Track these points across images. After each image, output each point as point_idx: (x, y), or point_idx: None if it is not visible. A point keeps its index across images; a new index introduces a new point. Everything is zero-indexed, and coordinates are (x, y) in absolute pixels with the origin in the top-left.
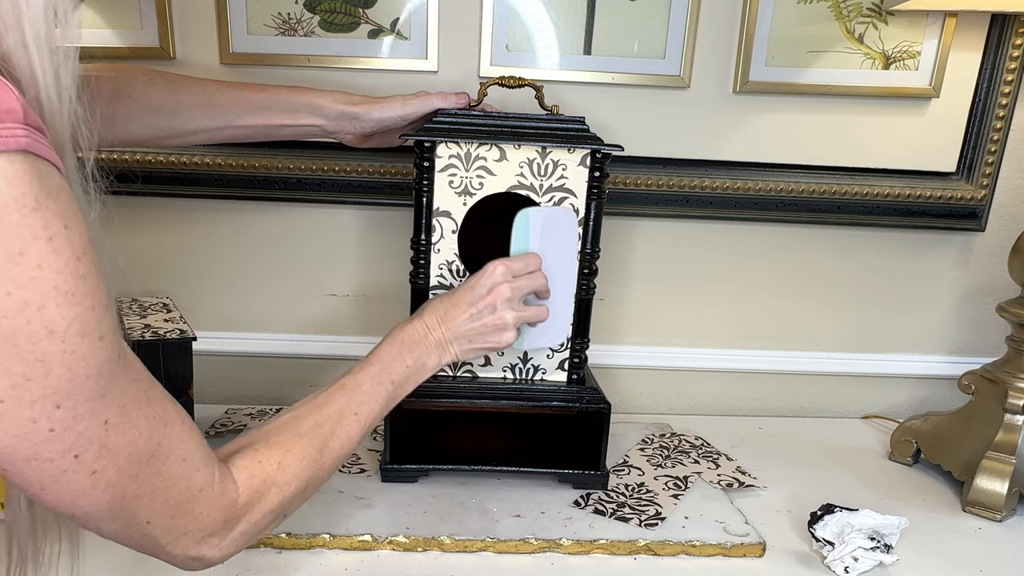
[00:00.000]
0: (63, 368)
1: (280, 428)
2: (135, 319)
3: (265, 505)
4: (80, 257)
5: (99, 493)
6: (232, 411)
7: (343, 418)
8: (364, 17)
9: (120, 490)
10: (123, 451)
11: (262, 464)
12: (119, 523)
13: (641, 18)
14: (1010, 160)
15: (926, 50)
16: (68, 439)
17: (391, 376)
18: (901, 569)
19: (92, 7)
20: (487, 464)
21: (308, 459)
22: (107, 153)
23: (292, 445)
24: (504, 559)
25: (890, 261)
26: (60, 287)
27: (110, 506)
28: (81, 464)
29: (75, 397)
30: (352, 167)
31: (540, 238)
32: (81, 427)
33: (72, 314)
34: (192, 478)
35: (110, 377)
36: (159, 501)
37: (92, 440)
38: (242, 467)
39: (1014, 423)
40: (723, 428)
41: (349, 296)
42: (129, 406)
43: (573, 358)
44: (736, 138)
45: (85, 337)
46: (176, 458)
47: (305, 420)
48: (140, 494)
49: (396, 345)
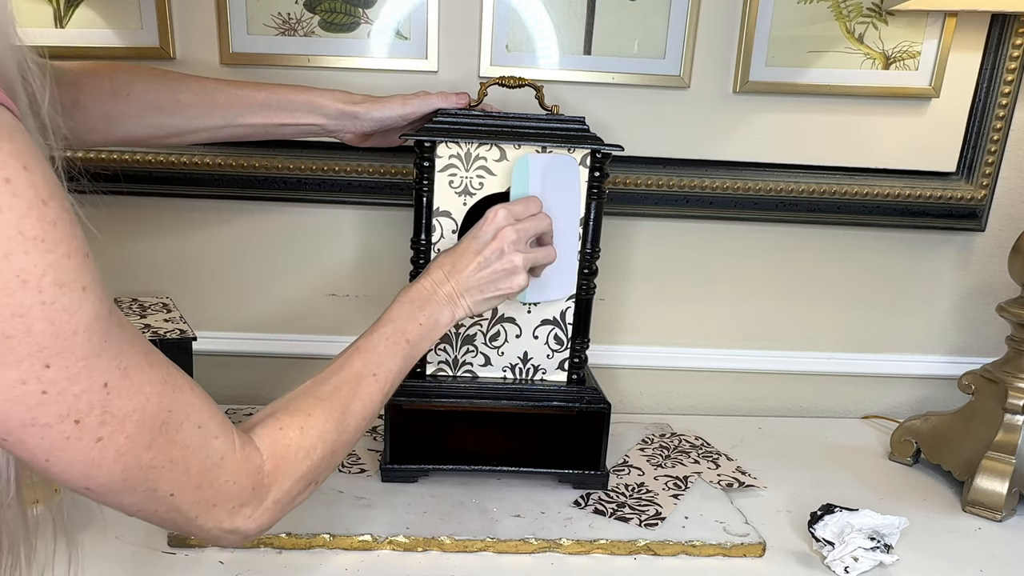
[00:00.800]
0: (45, 322)
1: (299, 395)
2: (135, 319)
3: (294, 471)
4: (46, 201)
5: (110, 463)
6: (232, 411)
7: (362, 380)
8: (364, 17)
9: (134, 459)
10: (130, 417)
11: (284, 431)
12: (139, 496)
13: (641, 18)
14: (1010, 160)
15: (926, 50)
16: (65, 402)
17: (405, 335)
18: (901, 569)
19: (92, 7)
20: (487, 464)
21: (331, 422)
22: (107, 153)
23: (312, 410)
24: (504, 559)
25: (890, 261)
26: (26, 232)
27: (124, 477)
28: (84, 430)
29: (65, 355)
30: (352, 167)
31: (541, 184)
32: (77, 389)
33: (45, 261)
34: (211, 445)
35: (103, 334)
36: (179, 471)
37: (93, 404)
38: (263, 435)
39: (1014, 423)
40: (723, 428)
41: (349, 296)
42: (131, 368)
43: (573, 358)
44: (736, 138)
45: (64, 287)
46: (190, 425)
47: (323, 385)
48: (157, 464)
49: (406, 304)
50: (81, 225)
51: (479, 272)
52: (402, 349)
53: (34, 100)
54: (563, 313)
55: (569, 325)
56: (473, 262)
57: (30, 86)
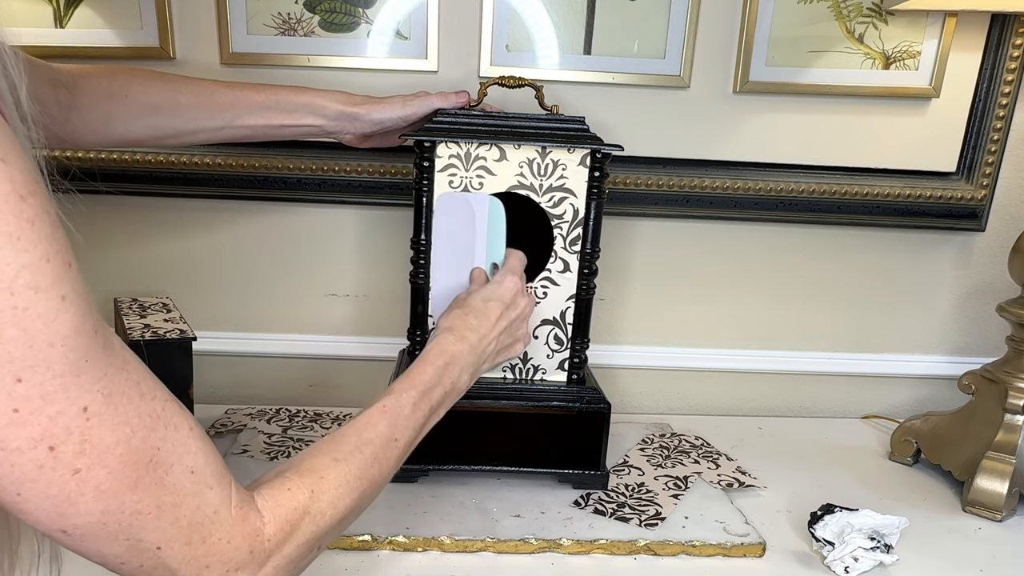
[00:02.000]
0: (17, 329)
1: (314, 453)
2: (135, 319)
3: (299, 536)
4: (25, 197)
5: (89, 501)
6: (232, 411)
7: (387, 444)
8: (364, 17)
9: (116, 500)
10: (112, 450)
11: (292, 492)
12: (122, 546)
13: (641, 18)
14: (1010, 160)
15: (926, 50)
16: (39, 424)
17: (430, 402)
18: (901, 569)
19: (92, 7)
20: (487, 464)
21: (346, 486)
22: (107, 153)
23: (327, 471)
24: (504, 559)
25: (890, 261)
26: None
27: (105, 520)
28: (59, 460)
29: (39, 370)
30: (352, 167)
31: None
32: (52, 410)
33: (19, 261)
34: (203, 495)
35: (83, 351)
36: (167, 521)
37: (70, 430)
38: (269, 495)
39: (1014, 423)
40: (723, 428)
41: (349, 296)
42: (116, 396)
43: (573, 358)
44: (736, 138)
45: (40, 292)
46: (182, 469)
47: (342, 444)
48: (142, 510)
49: (439, 369)
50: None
51: (498, 339)
52: (423, 416)
53: (15, 89)
54: (563, 313)
55: (569, 325)
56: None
57: (10, 75)
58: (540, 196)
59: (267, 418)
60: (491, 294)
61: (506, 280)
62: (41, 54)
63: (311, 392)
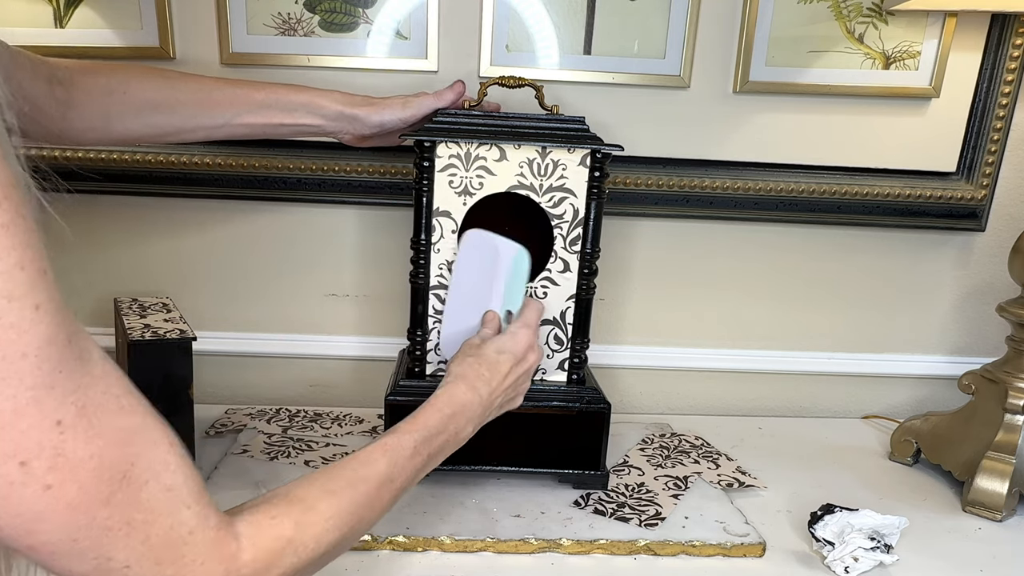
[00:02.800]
0: None
1: (304, 483)
2: (135, 319)
3: (276, 566)
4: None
5: (59, 517)
6: (232, 411)
7: (383, 483)
8: (364, 17)
9: (87, 516)
10: (85, 464)
11: (275, 520)
12: (89, 564)
13: (641, 18)
14: (1010, 160)
15: (926, 50)
16: (10, 439)
17: (430, 448)
18: (901, 569)
19: (92, 7)
20: (487, 464)
21: (334, 520)
22: (107, 153)
23: (318, 502)
24: (504, 559)
25: (890, 261)
26: None
27: (75, 536)
28: (31, 474)
29: (12, 382)
30: (352, 167)
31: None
32: (24, 424)
33: None
34: (179, 514)
35: (57, 363)
36: (138, 539)
37: (43, 445)
38: (250, 521)
39: (1014, 423)
40: (723, 428)
41: (349, 296)
42: (90, 408)
43: (573, 358)
44: (736, 138)
45: (13, 301)
46: (158, 486)
47: (337, 477)
48: (113, 526)
49: (446, 418)
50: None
51: (504, 392)
52: (422, 461)
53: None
54: (563, 313)
55: (569, 325)
56: (504, 383)
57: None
58: (540, 196)
59: (267, 418)
60: (504, 346)
61: (520, 333)
62: (41, 54)
63: (311, 392)
